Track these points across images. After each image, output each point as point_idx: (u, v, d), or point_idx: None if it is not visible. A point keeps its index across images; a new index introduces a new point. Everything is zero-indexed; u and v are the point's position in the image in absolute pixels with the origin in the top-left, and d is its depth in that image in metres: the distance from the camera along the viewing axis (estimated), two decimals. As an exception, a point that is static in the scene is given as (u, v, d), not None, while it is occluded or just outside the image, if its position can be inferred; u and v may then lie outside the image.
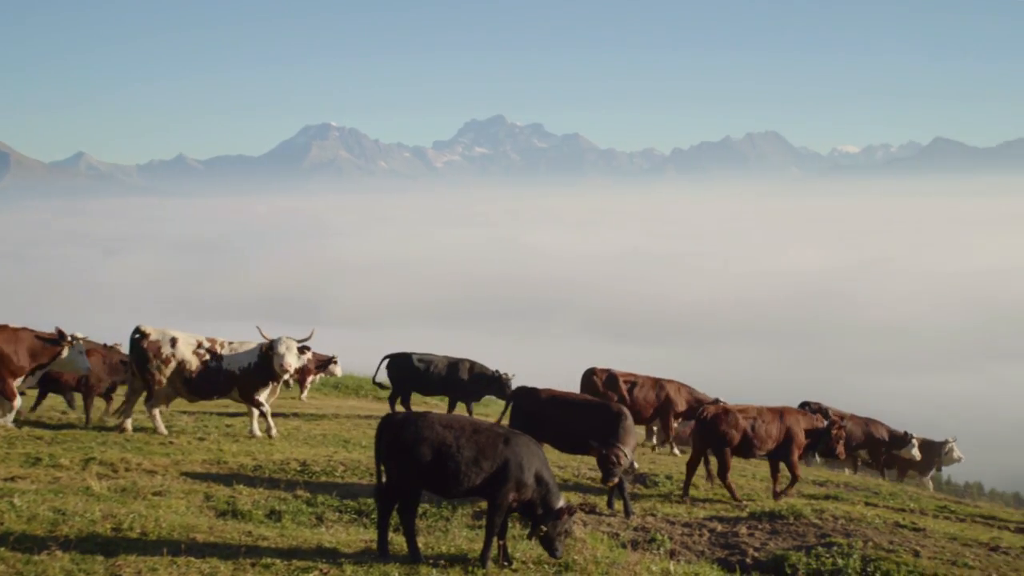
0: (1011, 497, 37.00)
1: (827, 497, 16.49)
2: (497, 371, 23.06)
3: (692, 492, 15.83)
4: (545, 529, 10.20)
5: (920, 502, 17.31)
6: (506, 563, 10.30)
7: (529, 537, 10.71)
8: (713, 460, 16.36)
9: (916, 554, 12.03)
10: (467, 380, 22.81)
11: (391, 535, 10.47)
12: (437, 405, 27.04)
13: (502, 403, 22.71)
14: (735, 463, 17.53)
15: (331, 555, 10.22)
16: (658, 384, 21.43)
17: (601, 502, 14.23)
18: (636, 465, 16.79)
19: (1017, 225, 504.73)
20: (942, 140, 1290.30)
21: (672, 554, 11.85)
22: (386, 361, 23.16)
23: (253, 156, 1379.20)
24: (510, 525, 11.05)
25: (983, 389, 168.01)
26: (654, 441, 23.30)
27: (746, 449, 15.84)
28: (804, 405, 21.64)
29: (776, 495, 15.96)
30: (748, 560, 11.93)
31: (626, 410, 14.20)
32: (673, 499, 15.35)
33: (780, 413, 16.16)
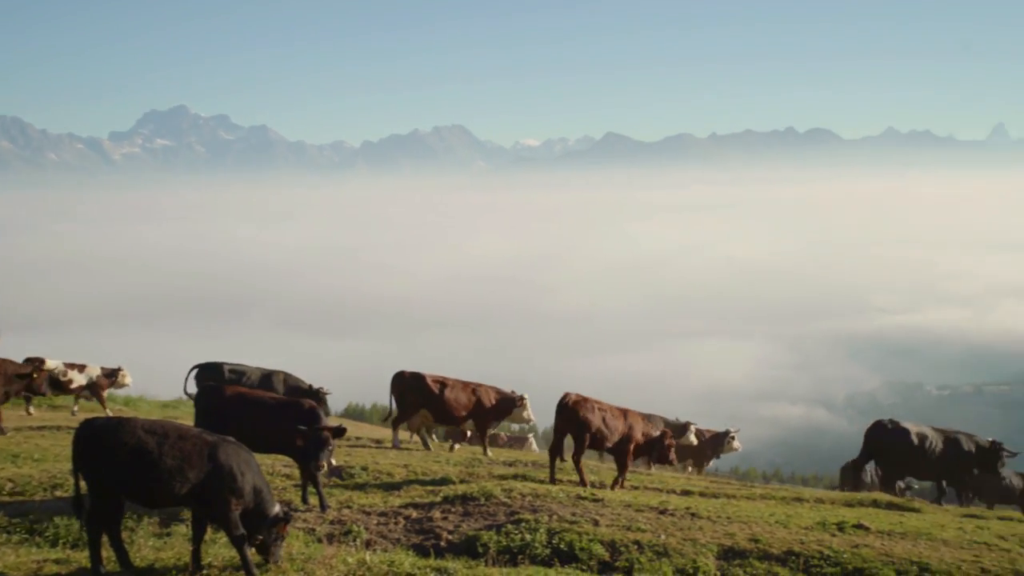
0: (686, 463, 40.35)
1: (516, 476, 17.18)
2: (311, 385, 22.24)
3: (387, 480, 15.98)
4: (262, 537, 9.94)
5: (600, 475, 18.52)
6: (197, 570, 9.94)
7: (248, 544, 10.38)
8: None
9: (596, 523, 12.88)
10: (282, 393, 21.77)
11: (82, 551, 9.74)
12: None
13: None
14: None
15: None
16: (468, 386, 21.59)
17: (296, 498, 14.03)
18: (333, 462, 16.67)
19: (678, 214, 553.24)
20: (613, 135, 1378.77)
21: (368, 544, 11.92)
22: (195, 372, 21.70)
23: None
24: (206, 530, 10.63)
25: (656, 366, 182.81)
26: (452, 442, 23.46)
27: (598, 440, 17.00)
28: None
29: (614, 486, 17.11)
30: (442, 543, 12.22)
31: (319, 408, 14.07)
32: (369, 490, 15.39)
33: (624, 412, 17.53)
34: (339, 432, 13.04)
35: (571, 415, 16.78)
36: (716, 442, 26.50)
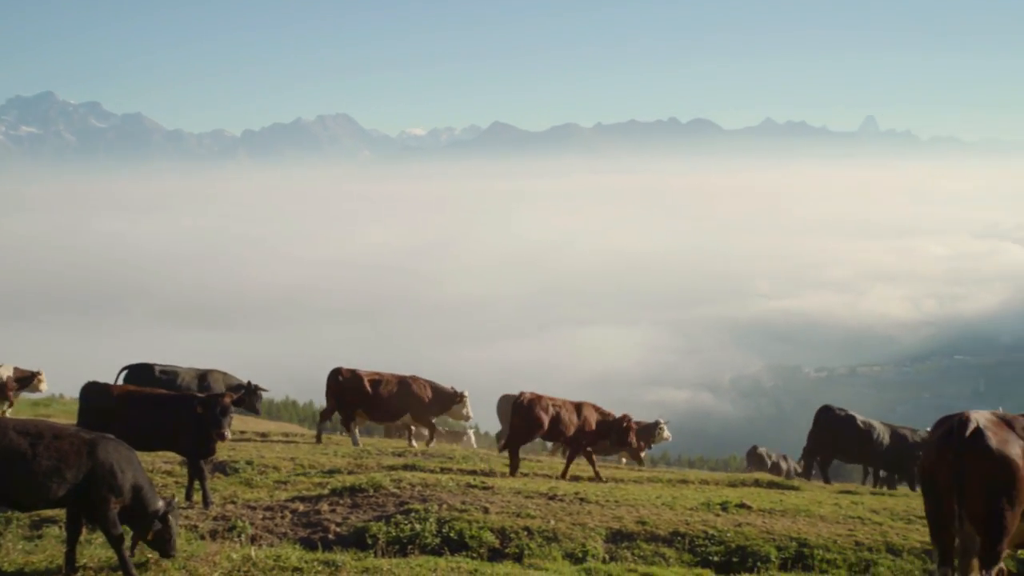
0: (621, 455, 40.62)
1: (406, 467, 17.09)
2: (249, 382, 21.48)
3: (274, 475, 15.70)
4: (153, 532, 9.68)
5: (490, 463, 18.57)
6: (72, 571, 9.58)
7: (133, 543, 10.01)
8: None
9: (486, 510, 12.91)
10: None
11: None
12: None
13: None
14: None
15: None
16: (403, 382, 21.42)
17: (180, 494, 13.63)
18: None
19: (564, 203, 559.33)
20: (500, 124, 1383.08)
21: (254, 540, 11.65)
22: (124, 373, 20.59)
23: None
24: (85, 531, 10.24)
25: (545, 353, 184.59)
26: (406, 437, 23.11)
27: (555, 433, 18.19)
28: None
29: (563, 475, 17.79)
30: (331, 536, 12.06)
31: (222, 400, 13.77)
32: (254, 484, 15.08)
33: (577, 406, 18.53)
34: (239, 401, 13.49)
35: (526, 413, 17.81)
36: (647, 432, 26.96)
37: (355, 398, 20.98)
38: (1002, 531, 8.15)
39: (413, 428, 22.22)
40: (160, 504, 9.84)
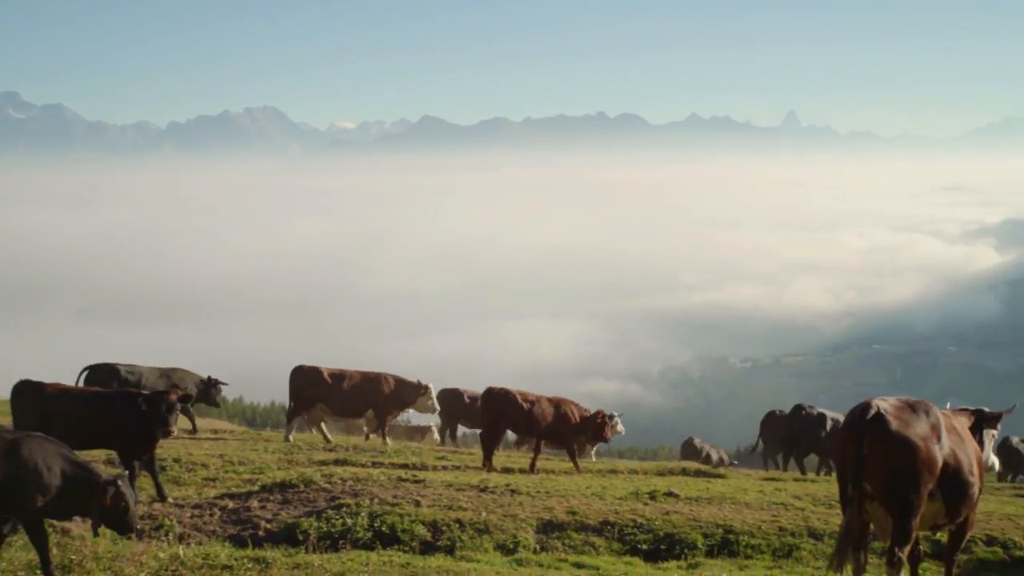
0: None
1: (337, 462, 17.04)
2: (210, 376, 21.40)
3: (203, 473, 15.52)
4: (110, 499, 9.40)
5: (422, 456, 18.60)
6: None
7: (94, 527, 9.99)
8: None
9: (417, 504, 12.95)
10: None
11: None
12: None
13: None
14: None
15: None
16: (366, 377, 21.27)
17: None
18: None
19: (494, 197, 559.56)
20: (429, 118, 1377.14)
21: (182, 538, 11.53)
22: (85, 374, 19.99)
23: None
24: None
25: (477, 347, 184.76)
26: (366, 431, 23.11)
27: (528, 427, 18.75)
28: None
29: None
30: (261, 533, 11.98)
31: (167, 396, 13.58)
32: (182, 482, 14.90)
33: (551, 400, 18.93)
34: (186, 398, 13.66)
35: (497, 406, 18.31)
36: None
37: (315, 393, 20.83)
38: (909, 511, 8.48)
39: (381, 426, 22.05)
40: (105, 478, 9.56)
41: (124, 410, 13.04)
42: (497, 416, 18.30)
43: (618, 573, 11.01)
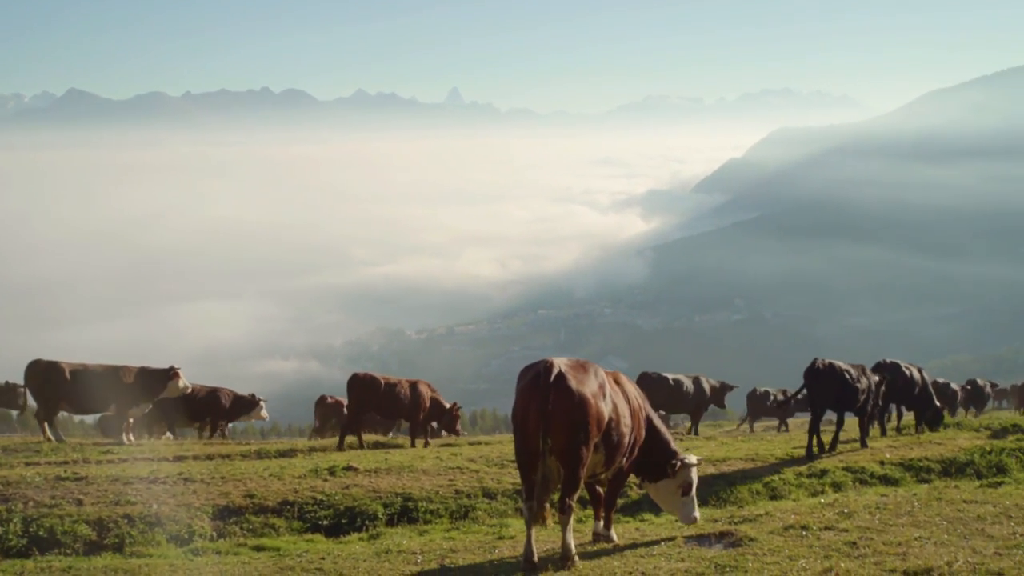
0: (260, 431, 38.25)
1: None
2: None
3: None
4: None
5: (84, 452, 17.37)
6: None
7: None
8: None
9: (79, 503, 12.14)
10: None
11: None
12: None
13: None
14: None
15: None
16: (109, 369, 19.53)
17: None
18: None
19: (154, 175, 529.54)
20: (76, 91, 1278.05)
21: None
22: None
23: None
24: None
25: (147, 332, 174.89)
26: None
27: (392, 410, 19.62)
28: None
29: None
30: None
31: None
32: None
33: (411, 384, 19.84)
34: None
35: (363, 389, 19.02)
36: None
37: (54, 389, 18.75)
38: (580, 462, 9.14)
39: (131, 420, 20.12)
40: None
41: None
42: (359, 398, 19.03)
43: (299, 551, 10.96)
